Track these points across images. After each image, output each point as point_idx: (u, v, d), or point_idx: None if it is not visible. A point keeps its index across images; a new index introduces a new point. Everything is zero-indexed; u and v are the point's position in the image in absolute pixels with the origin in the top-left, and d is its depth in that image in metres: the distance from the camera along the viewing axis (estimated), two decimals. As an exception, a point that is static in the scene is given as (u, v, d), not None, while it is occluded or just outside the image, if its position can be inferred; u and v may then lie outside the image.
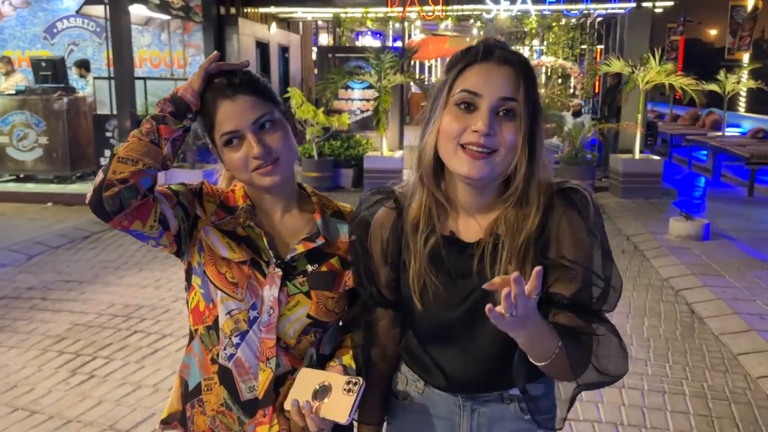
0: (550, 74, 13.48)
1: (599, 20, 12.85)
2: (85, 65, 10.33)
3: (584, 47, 13.91)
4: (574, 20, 13.09)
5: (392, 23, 13.50)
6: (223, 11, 11.40)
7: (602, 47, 13.49)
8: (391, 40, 15.24)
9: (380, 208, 1.37)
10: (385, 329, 1.41)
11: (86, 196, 1.27)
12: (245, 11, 11.96)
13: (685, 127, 13.79)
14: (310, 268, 1.40)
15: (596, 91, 13.42)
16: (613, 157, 9.44)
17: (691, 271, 5.54)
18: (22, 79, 10.00)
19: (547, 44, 14.44)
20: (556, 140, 9.42)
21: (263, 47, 12.77)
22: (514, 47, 1.27)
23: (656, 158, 9.32)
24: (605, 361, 1.25)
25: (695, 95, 8.84)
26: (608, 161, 9.73)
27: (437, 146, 1.25)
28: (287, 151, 1.37)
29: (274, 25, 13.08)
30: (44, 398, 3.47)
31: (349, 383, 1.26)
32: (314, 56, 15.79)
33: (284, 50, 14.10)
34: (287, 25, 14.29)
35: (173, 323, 4.50)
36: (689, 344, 4.23)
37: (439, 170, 1.29)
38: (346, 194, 9.02)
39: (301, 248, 1.40)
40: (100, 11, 9.25)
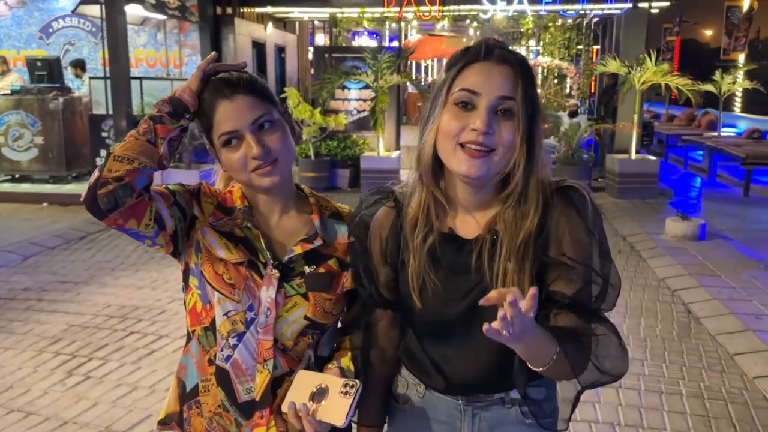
0: (546, 74, 13.48)
1: (595, 20, 12.87)
2: (80, 65, 10.30)
3: (580, 47, 13.93)
4: (570, 20, 13.12)
5: (389, 23, 13.50)
6: (219, 11, 11.38)
7: (598, 47, 13.50)
8: (387, 40, 15.23)
9: (380, 207, 1.37)
10: (384, 330, 1.41)
11: (81, 195, 1.27)
12: (241, 11, 11.95)
13: (681, 127, 13.83)
14: (307, 269, 1.39)
15: (592, 91, 13.43)
16: (609, 157, 9.45)
17: (687, 271, 5.55)
18: (17, 78, 9.97)
19: (543, 44, 14.45)
20: (552, 140, 9.44)
21: (260, 47, 12.76)
22: (511, 47, 1.28)
23: (652, 158, 9.34)
24: (605, 360, 1.26)
25: (691, 95, 8.86)
26: (604, 161, 9.74)
27: (436, 145, 1.26)
28: (286, 151, 1.37)
29: (270, 25, 13.06)
30: (40, 399, 3.46)
31: (346, 386, 1.26)
32: (311, 56, 15.80)
33: (281, 50, 14.08)
34: (284, 25, 14.28)
35: (169, 324, 4.49)
36: (686, 344, 4.24)
37: (438, 169, 1.29)
38: (342, 194, 9.01)
39: (298, 249, 1.39)
40: (96, 11, 9.23)
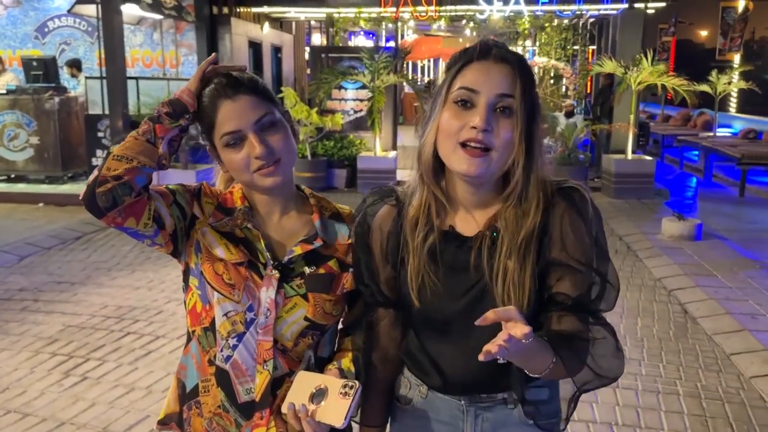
0: (542, 75, 13.50)
1: (591, 21, 12.89)
2: (76, 65, 10.27)
3: (577, 48, 13.95)
4: (566, 21, 13.13)
5: (385, 23, 13.51)
6: (215, 11, 11.37)
7: (594, 48, 13.52)
8: (384, 40, 15.24)
9: (382, 206, 1.38)
10: (386, 330, 1.41)
11: (80, 194, 1.27)
12: (238, 11, 11.94)
13: (676, 127, 13.87)
14: (307, 270, 1.39)
15: (588, 91, 13.45)
16: (605, 157, 9.47)
17: (683, 271, 5.57)
18: (12, 78, 9.93)
19: (539, 45, 14.49)
20: (548, 141, 9.45)
21: (256, 47, 12.74)
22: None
23: (648, 158, 9.36)
24: (602, 361, 1.27)
25: (687, 96, 8.89)
26: (600, 162, 9.76)
27: (437, 144, 1.26)
28: (288, 151, 1.37)
29: (266, 24, 13.05)
30: (37, 400, 3.45)
31: (345, 387, 1.26)
32: (307, 56, 15.79)
33: (277, 50, 14.07)
34: (280, 24, 14.26)
35: (166, 324, 4.48)
36: (682, 344, 4.25)
37: (438, 168, 1.30)
38: (339, 194, 9.00)
39: (298, 250, 1.39)
40: (92, 10, 9.20)
